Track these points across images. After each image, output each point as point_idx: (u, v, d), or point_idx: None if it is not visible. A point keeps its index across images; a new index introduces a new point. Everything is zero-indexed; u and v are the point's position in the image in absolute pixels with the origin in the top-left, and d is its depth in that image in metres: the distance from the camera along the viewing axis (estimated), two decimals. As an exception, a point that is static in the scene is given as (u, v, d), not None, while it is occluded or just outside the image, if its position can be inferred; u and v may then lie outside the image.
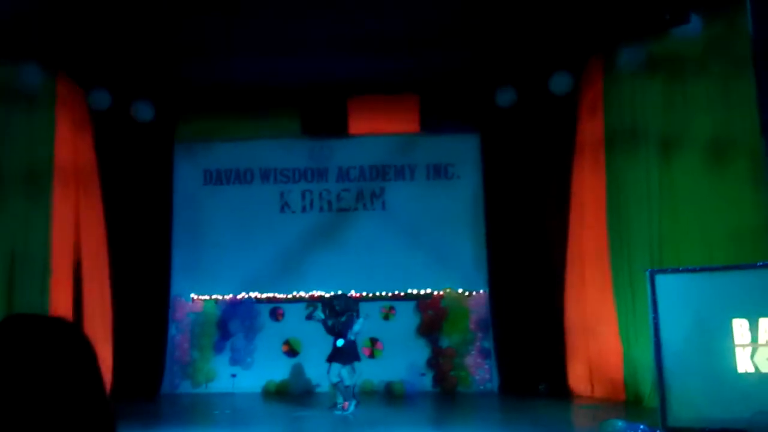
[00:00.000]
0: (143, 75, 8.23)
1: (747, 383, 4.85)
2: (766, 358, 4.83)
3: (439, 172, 9.38)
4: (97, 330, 7.98)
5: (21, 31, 6.90)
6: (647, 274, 5.35)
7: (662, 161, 6.96)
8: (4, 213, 7.45)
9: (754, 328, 4.89)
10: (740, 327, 4.93)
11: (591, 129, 7.77)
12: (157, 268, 8.95)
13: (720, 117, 6.54)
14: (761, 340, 4.89)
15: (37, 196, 7.61)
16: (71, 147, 8.04)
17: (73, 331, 1.02)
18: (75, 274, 7.99)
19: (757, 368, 4.88)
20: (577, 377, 7.70)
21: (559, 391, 7.78)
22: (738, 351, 4.95)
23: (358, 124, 9.14)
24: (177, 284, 9.09)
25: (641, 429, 4.37)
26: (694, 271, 5.32)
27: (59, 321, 1.02)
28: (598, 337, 7.40)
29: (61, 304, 7.68)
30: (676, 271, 5.39)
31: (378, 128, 9.21)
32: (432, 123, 9.07)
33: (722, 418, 4.81)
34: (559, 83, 8.02)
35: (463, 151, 9.31)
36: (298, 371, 8.80)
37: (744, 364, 4.92)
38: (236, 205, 9.32)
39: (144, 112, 8.61)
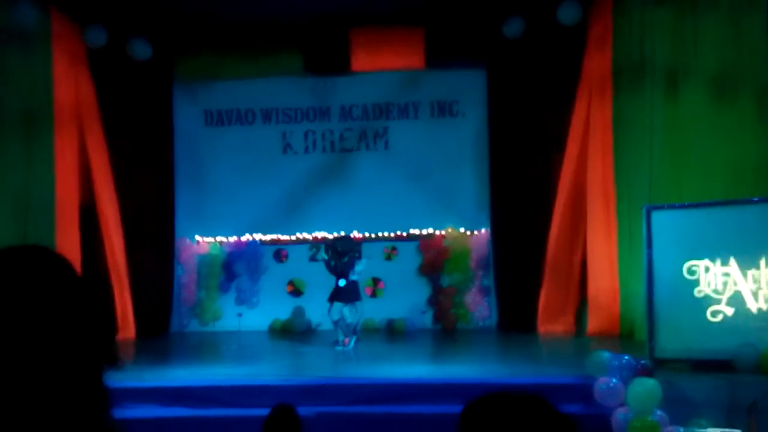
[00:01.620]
0: (140, 11, 8.04)
1: (734, 317, 4.88)
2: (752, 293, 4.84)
3: (443, 109, 9.23)
4: (114, 272, 8.17)
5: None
6: (643, 210, 5.32)
7: (668, 95, 6.81)
8: (6, 154, 7.46)
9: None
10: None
11: (599, 61, 7.58)
12: (161, 209, 9.01)
13: (728, 51, 6.36)
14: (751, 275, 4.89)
15: (38, 135, 7.58)
16: (70, 85, 7.95)
17: (52, 256, 1.01)
18: (81, 216, 8.10)
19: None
20: (577, 313, 7.78)
21: (556, 327, 7.88)
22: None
23: (361, 60, 8.94)
24: (181, 226, 9.16)
25: (626, 360, 4.44)
26: (689, 207, 5.28)
27: (37, 248, 1.02)
28: (597, 273, 7.44)
29: (68, 246, 7.80)
30: (672, 207, 5.36)
31: (382, 64, 9.00)
32: (437, 58, 8.83)
33: (708, 349, 4.88)
34: (568, 13, 7.74)
35: (468, 88, 9.12)
36: (302, 310, 8.97)
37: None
38: (238, 146, 9.27)
39: (141, 50, 8.45)
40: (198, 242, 9.24)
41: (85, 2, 7.72)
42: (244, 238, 9.19)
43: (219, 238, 9.21)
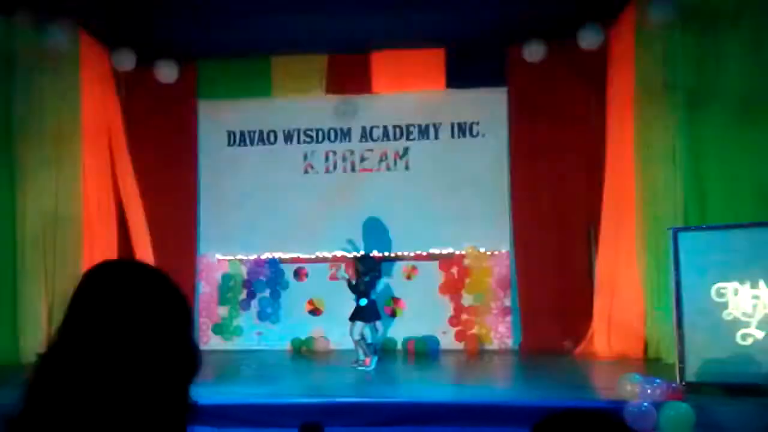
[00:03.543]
0: (166, 35, 8.23)
1: (764, 340, 4.82)
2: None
3: (464, 130, 9.28)
4: None
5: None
6: (671, 231, 5.30)
7: (692, 117, 6.80)
8: (36, 174, 7.61)
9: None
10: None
11: (621, 84, 7.61)
12: (184, 228, 9.12)
13: (751, 72, 6.37)
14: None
15: (66, 156, 7.75)
16: (98, 106, 8.12)
17: (158, 275, 1.08)
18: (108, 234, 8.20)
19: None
20: (600, 334, 7.71)
21: (581, 348, 7.81)
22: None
23: (382, 82, 9.08)
24: (203, 244, 9.27)
25: (657, 383, 4.39)
26: (716, 228, 5.25)
27: (146, 267, 1.09)
28: (621, 295, 7.39)
29: (93, 260, 7.89)
30: (699, 228, 5.33)
31: (402, 86, 9.12)
32: (458, 79, 8.93)
33: (739, 373, 4.82)
34: (589, 37, 7.83)
35: (488, 109, 9.17)
36: (322, 329, 8.97)
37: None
38: (260, 166, 9.38)
39: (167, 72, 8.64)
40: (219, 260, 9.31)
41: (114, 27, 7.91)
42: (264, 256, 9.24)
43: (240, 256, 9.27)
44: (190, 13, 7.66)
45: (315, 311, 9.15)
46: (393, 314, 8.92)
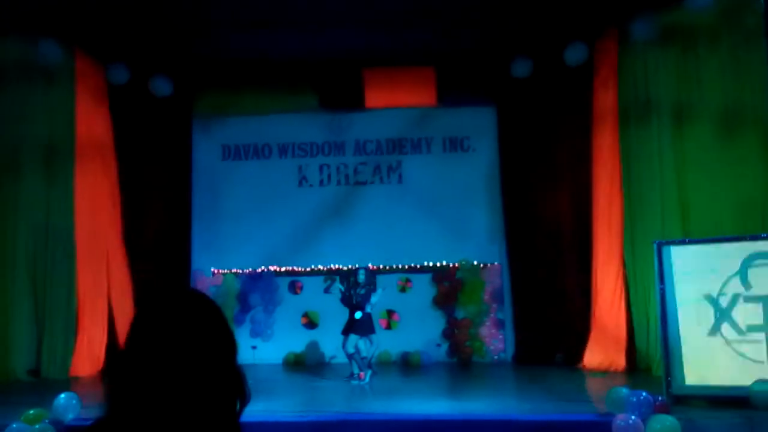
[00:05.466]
0: (161, 50, 8.30)
1: (748, 353, 4.92)
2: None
3: (455, 145, 9.42)
4: (116, 305, 8.20)
5: (39, 8, 6.97)
6: (654, 245, 5.40)
7: (675, 132, 6.97)
8: (28, 188, 7.62)
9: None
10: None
11: (605, 99, 7.75)
12: (178, 242, 9.18)
13: (730, 88, 6.55)
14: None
15: (58, 170, 7.77)
16: (92, 121, 8.16)
17: (207, 302, 1.16)
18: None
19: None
20: (590, 347, 7.79)
21: (573, 361, 7.88)
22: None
23: (374, 98, 9.21)
24: (197, 258, 9.32)
25: (644, 396, 4.47)
26: (700, 242, 5.36)
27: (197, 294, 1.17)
28: (611, 308, 7.47)
29: (86, 278, 7.92)
30: (682, 242, 5.44)
31: (395, 101, 9.27)
32: (448, 96, 9.10)
33: (724, 386, 4.91)
34: (574, 54, 7.98)
35: (479, 124, 9.34)
36: (316, 343, 9.02)
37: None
38: (255, 179, 9.47)
39: (162, 87, 8.71)
40: (213, 273, 9.34)
41: (108, 42, 7.98)
42: (259, 270, 9.28)
43: (234, 270, 9.31)
44: (184, 28, 7.74)
45: (310, 324, 9.20)
46: (388, 326, 8.99)
